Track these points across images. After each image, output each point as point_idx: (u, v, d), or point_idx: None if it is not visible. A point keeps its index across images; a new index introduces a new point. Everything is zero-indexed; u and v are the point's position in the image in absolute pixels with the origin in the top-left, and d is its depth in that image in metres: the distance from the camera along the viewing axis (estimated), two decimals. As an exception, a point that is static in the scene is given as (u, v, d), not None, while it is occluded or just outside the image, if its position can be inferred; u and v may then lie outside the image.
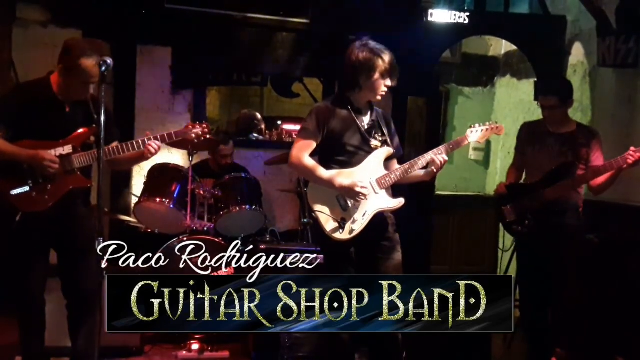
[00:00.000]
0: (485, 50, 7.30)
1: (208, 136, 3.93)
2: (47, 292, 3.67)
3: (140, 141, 3.56)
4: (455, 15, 5.69)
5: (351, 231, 3.35)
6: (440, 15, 5.68)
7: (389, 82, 3.41)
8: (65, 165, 3.44)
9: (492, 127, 3.63)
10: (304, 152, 3.41)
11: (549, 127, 4.15)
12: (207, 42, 5.79)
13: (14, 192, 3.41)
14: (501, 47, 7.19)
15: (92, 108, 3.55)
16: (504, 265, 5.46)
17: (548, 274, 4.11)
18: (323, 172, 3.39)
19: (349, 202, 3.37)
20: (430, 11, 5.69)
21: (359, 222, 3.36)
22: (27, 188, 3.42)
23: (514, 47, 6.57)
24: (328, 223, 3.37)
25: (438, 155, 3.45)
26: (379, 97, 3.47)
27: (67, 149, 3.45)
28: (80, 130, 3.50)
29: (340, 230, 3.35)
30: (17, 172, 3.41)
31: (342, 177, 3.36)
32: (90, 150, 3.50)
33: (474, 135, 3.61)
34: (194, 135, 3.78)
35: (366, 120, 3.49)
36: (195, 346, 4.34)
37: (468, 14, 5.74)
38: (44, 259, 3.59)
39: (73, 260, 3.58)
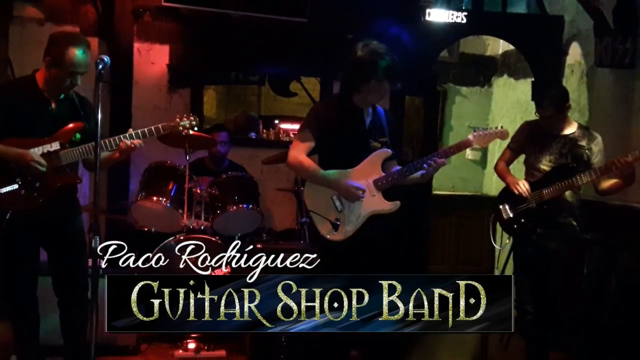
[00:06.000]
0: (482, 50, 7.31)
1: (196, 128, 3.88)
2: (41, 290, 3.65)
3: (117, 138, 3.51)
4: (452, 14, 5.69)
5: (345, 232, 3.34)
6: (438, 15, 5.68)
7: (387, 87, 3.37)
8: (54, 162, 3.43)
9: (495, 132, 3.52)
10: (301, 152, 3.40)
11: (550, 129, 4.16)
12: (205, 40, 5.77)
13: (3, 190, 3.39)
14: (499, 46, 7.20)
15: (77, 104, 3.55)
16: (501, 265, 5.46)
17: (544, 274, 4.12)
18: (320, 172, 3.38)
19: (344, 203, 3.36)
20: (427, 10, 5.68)
21: (353, 223, 3.35)
22: (15, 186, 3.41)
23: (511, 47, 6.58)
24: (322, 223, 3.37)
25: (437, 158, 3.39)
26: (377, 101, 3.44)
27: (55, 146, 3.44)
28: (68, 127, 3.49)
29: (334, 231, 3.34)
30: (5, 170, 3.40)
31: (340, 177, 3.35)
32: (77, 146, 3.49)
33: (478, 139, 3.50)
34: (181, 128, 3.76)
35: (367, 120, 3.46)
36: (191, 345, 4.33)
37: (466, 13, 5.74)
38: (34, 257, 3.59)
39: (63, 257, 3.57)
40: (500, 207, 4.27)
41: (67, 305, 3.61)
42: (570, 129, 4.17)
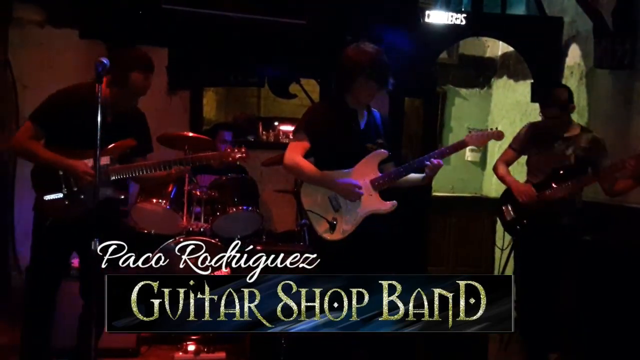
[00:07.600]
0: (482, 52, 7.32)
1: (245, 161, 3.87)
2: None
3: (168, 164, 3.56)
4: (452, 16, 5.69)
5: (343, 232, 3.34)
6: (438, 17, 5.68)
7: (375, 86, 3.38)
8: (101, 177, 3.41)
9: (490, 133, 3.54)
10: (297, 153, 3.40)
11: (554, 130, 4.17)
12: (204, 42, 5.77)
13: (47, 197, 3.42)
14: (498, 48, 7.21)
15: (133, 120, 3.56)
16: (501, 266, 5.46)
17: (545, 275, 4.12)
18: (318, 172, 3.38)
19: (341, 203, 3.36)
20: (427, 12, 5.69)
21: (351, 222, 3.35)
22: (60, 195, 3.43)
23: (510, 49, 6.58)
24: (320, 223, 3.37)
25: (434, 159, 3.39)
26: (368, 100, 3.45)
27: (105, 160, 3.43)
28: (119, 142, 3.49)
29: (332, 231, 3.34)
30: (53, 178, 3.42)
31: (338, 177, 3.36)
32: (127, 162, 3.49)
33: (473, 140, 3.52)
34: (230, 159, 3.76)
35: (362, 122, 3.47)
36: (191, 347, 4.32)
37: (465, 15, 5.74)
38: (64, 263, 3.62)
39: (94, 265, 3.56)
40: (503, 207, 4.28)
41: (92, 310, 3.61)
42: (574, 131, 4.18)
